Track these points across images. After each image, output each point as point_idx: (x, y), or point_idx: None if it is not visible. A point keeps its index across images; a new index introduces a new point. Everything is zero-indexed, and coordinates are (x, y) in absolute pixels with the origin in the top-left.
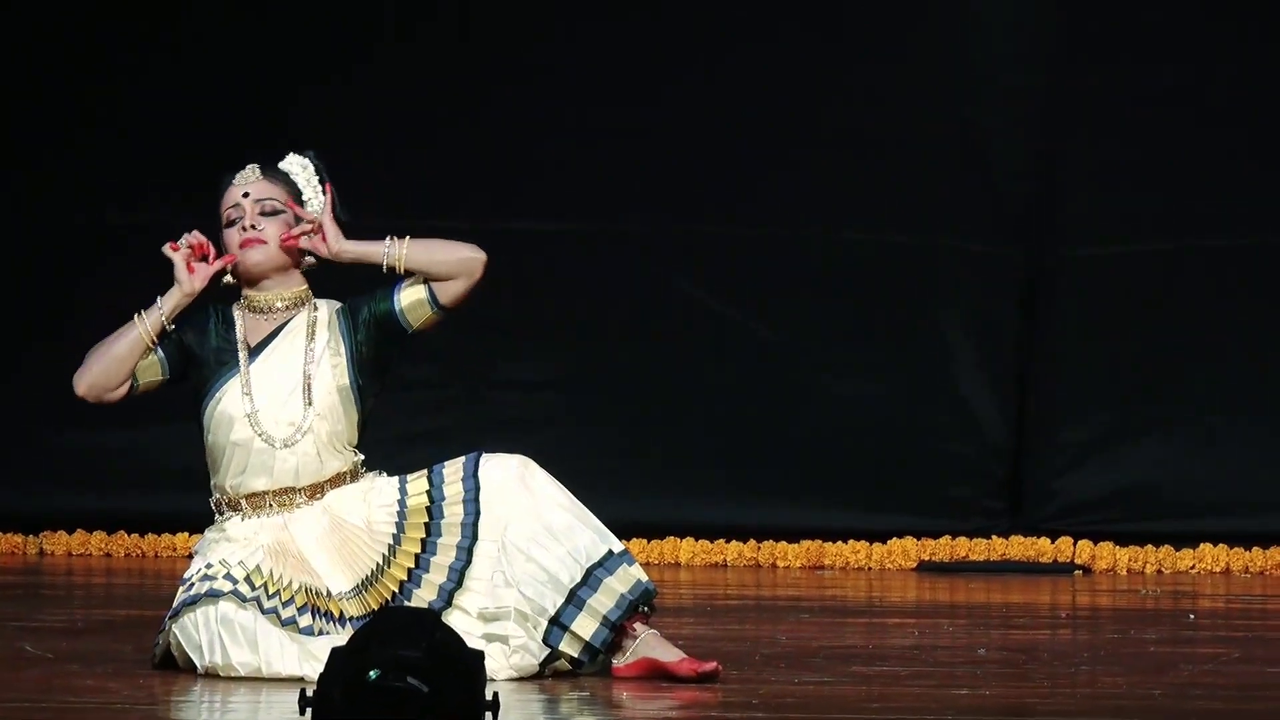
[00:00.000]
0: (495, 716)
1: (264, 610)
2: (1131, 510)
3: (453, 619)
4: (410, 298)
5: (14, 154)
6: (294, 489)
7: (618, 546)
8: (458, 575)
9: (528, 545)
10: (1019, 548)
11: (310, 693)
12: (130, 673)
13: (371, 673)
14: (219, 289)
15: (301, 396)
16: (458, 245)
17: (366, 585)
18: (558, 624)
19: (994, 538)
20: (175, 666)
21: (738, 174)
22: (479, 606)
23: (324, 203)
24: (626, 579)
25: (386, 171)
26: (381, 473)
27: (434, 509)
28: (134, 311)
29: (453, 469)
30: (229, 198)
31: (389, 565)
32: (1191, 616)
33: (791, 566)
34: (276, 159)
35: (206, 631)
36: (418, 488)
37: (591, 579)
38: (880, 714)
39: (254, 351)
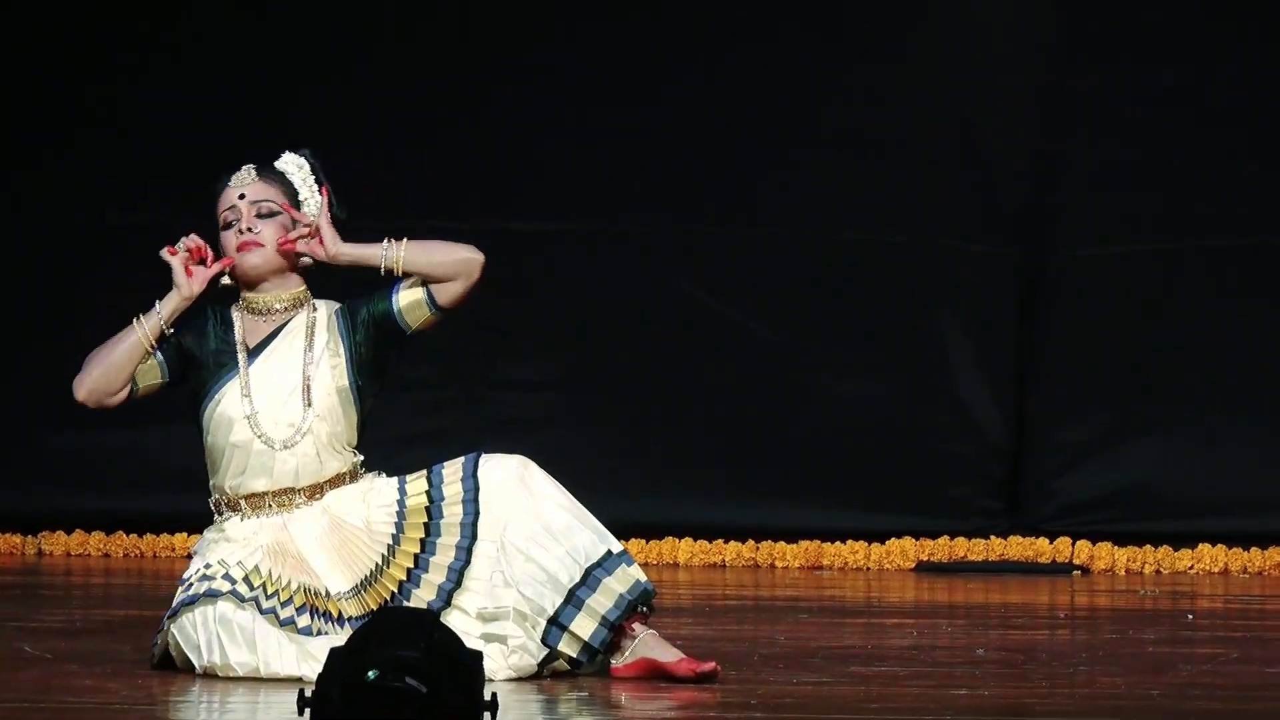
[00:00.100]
0: (494, 717)
1: (262, 610)
2: (1131, 510)
3: (451, 619)
4: (408, 298)
5: (14, 154)
6: (293, 490)
7: (616, 547)
8: (457, 575)
9: (527, 545)
10: (1017, 548)
11: (309, 693)
12: (129, 673)
13: (370, 673)
14: (217, 291)
15: (301, 397)
16: (456, 246)
17: (365, 585)
18: (556, 624)
19: (992, 538)
20: (174, 667)
21: (738, 174)
22: (478, 606)
23: (320, 205)
24: (625, 579)
25: (386, 171)
26: (380, 473)
27: (433, 509)
28: (133, 314)
29: (452, 469)
30: (225, 199)
31: (388, 565)
32: (1190, 617)
33: (790, 567)
34: (274, 159)
35: (205, 631)
36: (417, 488)
37: (590, 579)
38: (879, 714)
39: (253, 353)
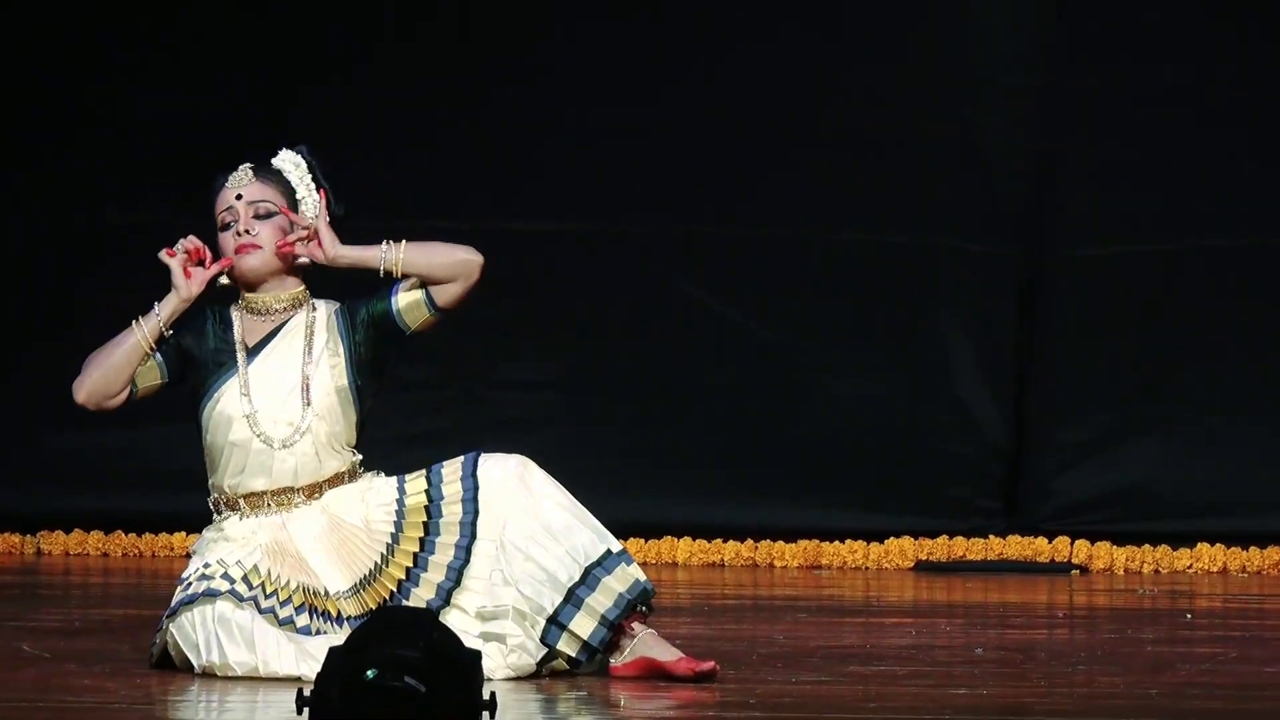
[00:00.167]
0: (492, 716)
1: (261, 610)
2: (1131, 511)
3: (450, 618)
4: (408, 299)
5: (14, 154)
6: (292, 489)
7: (616, 546)
8: (456, 574)
9: (526, 544)
10: (1016, 547)
11: (308, 692)
12: (128, 672)
13: (369, 672)
14: (216, 291)
15: (300, 397)
16: (455, 248)
17: (364, 585)
18: (556, 623)
19: (991, 537)
20: (172, 666)
21: (738, 174)
22: (477, 606)
23: (319, 206)
24: (625, 578)
25: (386, 171)
26: (379, 472)
27: (432, 508)
28: (133, 314)
29: (451, 468)
30: (223, 200)
31: (387, 564)
32: (1189, 616)
33: (789, 566)
34: (272, 158)
35: (204, 631)
36: (416, 487)
37: (590, 578)
38: (877, 714)
39: (252, 352)
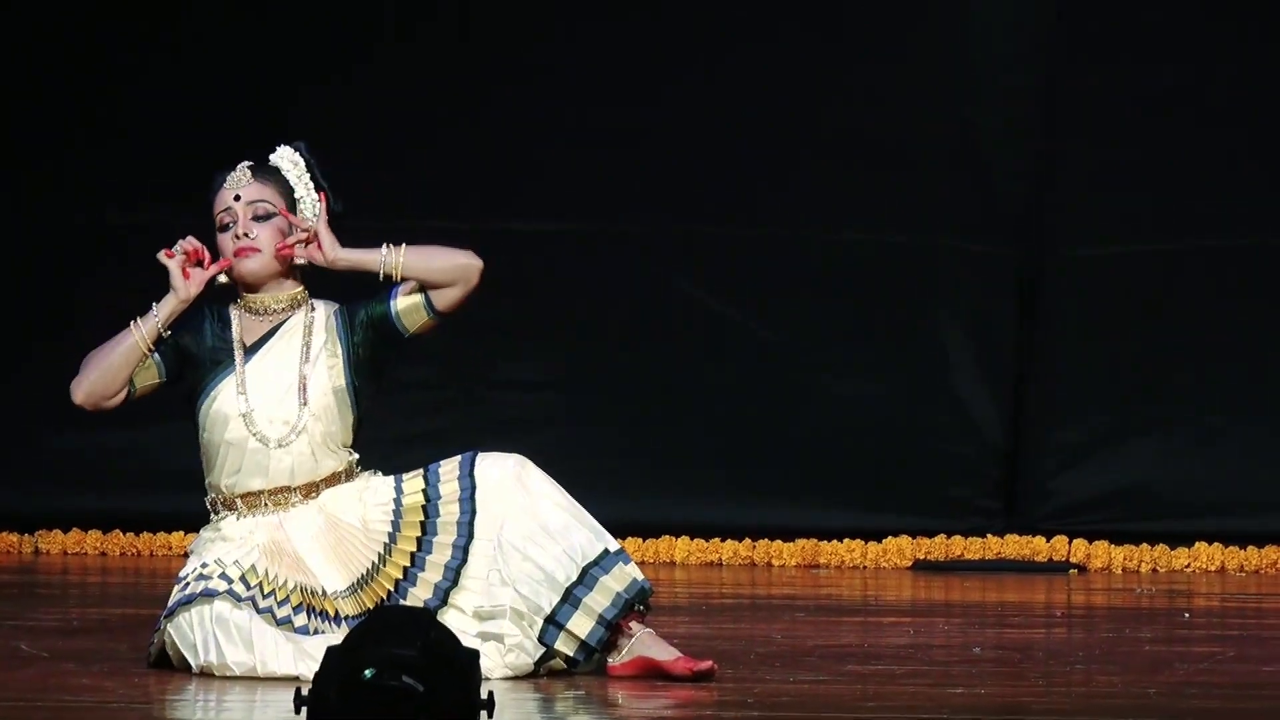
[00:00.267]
0: (490, 715)
1: (259, 609)
2: (1130, 511)
3: (448, 617)
4: (406, 302)
5: (14, 154)
6: (289, 488)
7: (614, 545)
8: (453, 574)
9: (524, 544)
10: (1014, 546)
11: (305, 692)
12: (125, 672)
13: (366, 671)
14: (214, 291)
15: (296, 396)
16: (454, 252)
17: (362, 584)
18: (553, 623)
19: (989, 536)
20: (170, 666)
21: (738, 174)
22: (475, 605)
23: (318, 208)
24: (623, 578)
25: (386, 171)
26: (376, 472)
27: (430, 508)
28: (133, 314)
29: (448, 468)
30: (221, 200)
31: (384, 564)
32: (1187, 615)
33: (787, 565)
34: (270, 155)
35: (201, 631)
36: (413, 486)
37: (588, 578)
38: (875, 713)
39: (250, 351)
